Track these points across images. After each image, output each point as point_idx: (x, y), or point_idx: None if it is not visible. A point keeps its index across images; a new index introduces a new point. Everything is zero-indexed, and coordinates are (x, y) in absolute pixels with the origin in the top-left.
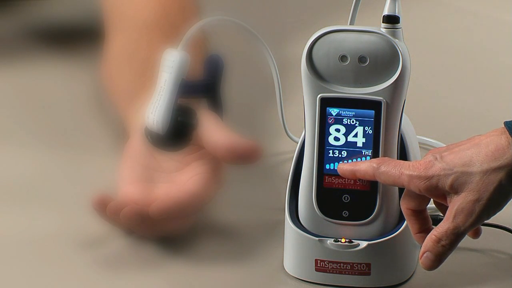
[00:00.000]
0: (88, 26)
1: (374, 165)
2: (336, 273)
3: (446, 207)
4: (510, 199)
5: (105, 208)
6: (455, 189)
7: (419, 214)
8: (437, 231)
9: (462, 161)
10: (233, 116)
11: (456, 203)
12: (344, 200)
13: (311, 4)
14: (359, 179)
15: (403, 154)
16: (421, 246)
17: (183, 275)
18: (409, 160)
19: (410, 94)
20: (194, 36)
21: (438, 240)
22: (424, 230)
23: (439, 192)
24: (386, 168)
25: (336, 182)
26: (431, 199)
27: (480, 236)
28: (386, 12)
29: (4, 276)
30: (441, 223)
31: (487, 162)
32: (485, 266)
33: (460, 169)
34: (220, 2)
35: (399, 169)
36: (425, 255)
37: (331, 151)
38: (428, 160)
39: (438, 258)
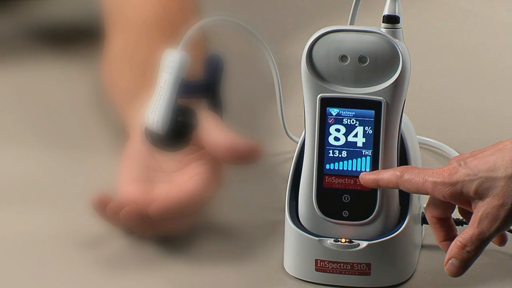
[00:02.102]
0: (88, 26)
1: (398, 173)
2: (336, 273)
3: (471, 214)
4: None
5: (105, 208)
6: (479, 194)
7: (444, 222)
8: (462, 237)
9: (486, 167)
10: (233, 116)
11: (480, 209)
12: (344, 200)
13: (311, 4)
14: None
15: (403, 154)
16: (421, 246)
17: (183, 275)
18: (408, 160)
19: (410, 94)
20: (194, 36)
21: (463, 246)
22: (449, 238)
23: (463, 198)
24: (410, 176)
25: (336, 182)
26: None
27: None
28: (386, 12)
29: (4, 276)
30: (466, 229)
31: None
32: (485, 266)
33: (484, 175)
34: (220, 2)
35: (422, 176)
36: (450, 261)
37: (331, 151)
38: (452, 166)
39: (464, 264)
